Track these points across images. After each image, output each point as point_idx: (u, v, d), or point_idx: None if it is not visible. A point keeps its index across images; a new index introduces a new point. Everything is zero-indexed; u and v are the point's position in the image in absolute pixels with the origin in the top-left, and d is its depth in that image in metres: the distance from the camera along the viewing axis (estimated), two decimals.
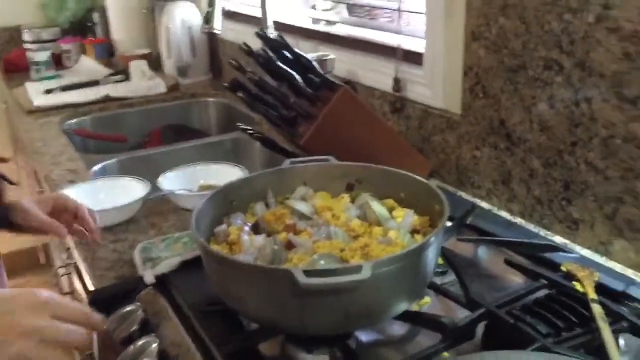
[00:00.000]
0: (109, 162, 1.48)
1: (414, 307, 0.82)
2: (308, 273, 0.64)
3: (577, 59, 0.91)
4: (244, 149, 1.64)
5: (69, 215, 0.97)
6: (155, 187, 1.18)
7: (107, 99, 1.95)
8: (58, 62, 2.39)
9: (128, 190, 1.17)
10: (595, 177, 0.92)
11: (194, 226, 0.77)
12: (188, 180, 1.23)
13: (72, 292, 1.45)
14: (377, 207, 0.86)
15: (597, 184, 0.92)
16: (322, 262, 0.74)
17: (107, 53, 2.48)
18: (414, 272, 0.72)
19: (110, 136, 1.85)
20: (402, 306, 0.74)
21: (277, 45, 1.12)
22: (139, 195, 1.13)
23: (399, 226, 0.83)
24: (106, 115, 1.93)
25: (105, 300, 0.89)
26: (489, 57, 1.06)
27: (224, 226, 0.85)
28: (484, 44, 1.06)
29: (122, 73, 2.15)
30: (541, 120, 0.99)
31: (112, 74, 2.17)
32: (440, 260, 0.89)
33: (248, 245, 0.80)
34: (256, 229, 0.85)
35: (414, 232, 0.83)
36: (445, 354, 0.74)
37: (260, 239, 0.81)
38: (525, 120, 1.01)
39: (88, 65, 2.39)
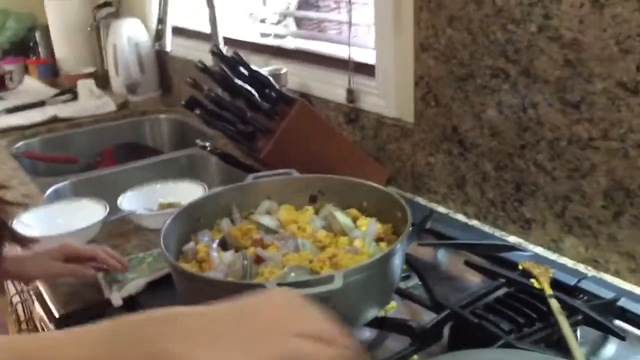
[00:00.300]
0: (62, 184, 1.45)
1: (381, 313, 0.85)
2: (281, 286, 0.65)
3: (522, 67, 0.95)
4: (199, 165, 1.64)
5: (81, 260, 0.95)
6: (113, 208, 1.16)
7: (54, 120, 1.92)
8: (0, 83, 2.33)
9: (86, 213, 1.15)
10: (545, 178, 0.97)
11: (163, 246, 0.77)
12: (147, 200, 1.22)
13: (30, 320, 1.41)
14: (342, 218, 0.88)
15: (546, 184, 0.97)
16: (292, 274, 0.75)
17: (51, 73, 2.43)
18: (383, 278, 0.75)
19: (60, 158, 1.82)
20: (373, 312, 0.76)
21: (232, 62, 1.13)
22: (98, 218, 1.12)
23: (363, 235, 0.85)
24: (55, 136, 1.90)
25: (71, 326, 0.88)
26: (438, 67, 1.10)
27: (191, 244, 0.85)
28: (433, 55, 1.10)
29: (69, 92, 2.11)
30: (491, 125, 1.03)
31: (58, 94, 2.12)
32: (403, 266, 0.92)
33: (217, 262, 0.81)
34: (224, 245, 0.86)
35: (378, 239, 0.86)
36: (415, 357, 0.77)
37: (229, 255, 0.82)
38: (476, 127, 1.06)
39: (32, 85, 2.33)
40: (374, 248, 0.82)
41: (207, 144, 1.19)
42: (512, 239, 1.04)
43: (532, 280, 0.85)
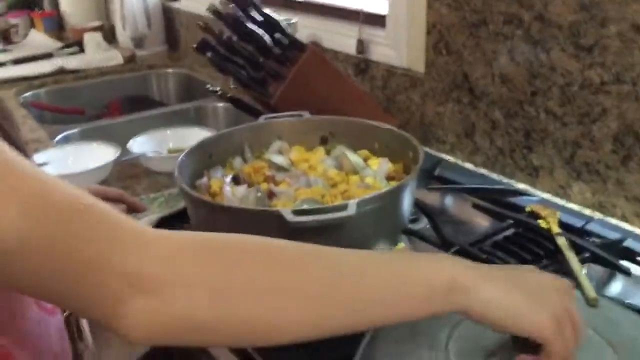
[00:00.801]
0: (71, 131, 1.45)
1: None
2: (296, 212, 0.67)
3: (536, 12, 0.95)
4: (207, 117, 1.64)
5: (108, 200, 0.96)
6: (123, 152, 1.17)
7: (61, 71, 1.91)
8: (6, 37, 2.32)
9: (97, 155, 1.17)
10: (554, 124, 0.98)
11: (178, 175, 0.78)
12: (157, 144, 1.23)
13: None
14: (353, 157, 0.89)
15: (556, 130, 0.98)
16: (305, 205, 0.76)
17: (57, 26, 2.42)
18: (394, 212, 0.76)
19: (67, 108, 1.81)
20: (384, 246, 0.78)
21: (244, 5, 1.12)
22: (110, 159, 1.13)
23: (375, 173, 0.86)
24: (61, 87, 1.89)
25: None
26: (451, 14, 1.10)
27: (204, 179, 0.86)
28: (445, 2, 1.10)
29: (76, 45, 2.10)
30: (502, 73, 1.03)
31: (65, 47, 2.12)
32: None
33: (230, 196, 0.82)
34: (237, 181, 0.87)
35: (389, 178, 0.87)
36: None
37: (242, 189, 0.83)
38: (487, 74, 1.06)
39: (38, 39, 2.32)
40: (385, 185, 0.83)
41: (218, 88, 1.19)
42: (520, 187, 1.05)
43: (540, 221, 0.86)
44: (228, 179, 0.85)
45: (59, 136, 1.42)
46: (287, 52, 1.15)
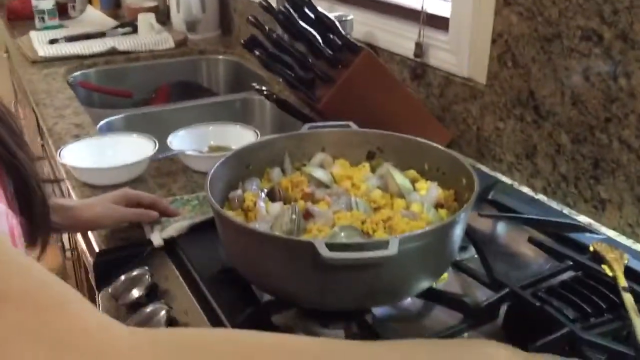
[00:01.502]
0: (115, 117, 1.43)
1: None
2: (331, 247, 0.60)
3: (619, 30, 0.85)
4: (253, 111, 1.59)
5: (142, 205, 0.93)
6: (162, 146, 1.13)
7: (113, 52, 1.89)
8: (63, 11, 2.32)
9: (136, 148, 1.13)
10: (629, 156, 0.88)
11: (209, 190, 0.73)
12: (198, 140, 1.18)
13: (75, 249, 1.42)
14: (400, 178, 0.82)
15: (629, 163, 0.88)
16: (342, 234, 0.70)
17: (113, 4, 2.41)
18: (441, 249, 0.68)
19: (116, 90, 1.80)
20: (425, 284, 0.71)
21: (298, 2, 1.06)
22: (147, 154, 1.09)
23: (422, 199, 0.79)
24: (112, 68, 1.88)
25: (110, 262, 0.85)
26: (521, 23, 1.00)
27: (239, 191, 0.81)
28: (516, 10, 1.01)
29: (129, 25, 2.08)
30: (574, 93, 0.94)
31: (118, 26, 2.10)
32: None
33: (264, 213, 0.76)
34: (272, 196, 0.81)
35: (437, 206, 0.79)
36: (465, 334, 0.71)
37: (277, 206, 0.77)
38: (557, 93, 0.96)
39: (93, 15, 2.31)
40: (433, 215, 0.76)
41: (264, 87, 1.13)
42: (583, 219, 0.95)
43: (604, 266, 0.77)
44: (263, 194, 0.79)
45: (102, 121, 1.40)
46: (339, 54, 1.08)
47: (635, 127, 0.86)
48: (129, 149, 1.12)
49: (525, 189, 1.06)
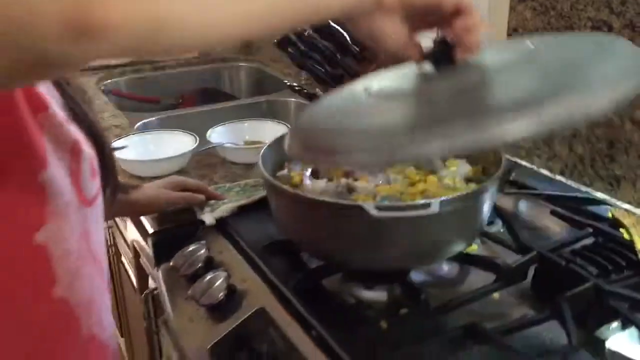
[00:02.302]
0: (150, 119, 1.51)
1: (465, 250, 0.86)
2: (379, 207, 0.68)
3: (627, 20, 0.93)
4: (277, 111, 1.67)
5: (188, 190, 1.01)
6: (201, 142, 1.21)
7: (140, 61, 1.98)
8: None
9: (176, 143, 1.21)
10: (639, 134, 0.95)
11: (261, 164, 0.81)
12: (234, 136, 1.26)
13: (113, 245, 1.50)
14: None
15: None
16: (386, 202, 0.77)
17: None
18: (475, 213, 0.76)
19: (145, 97, 1.88)
20: (460, 246, 0.78)
21: None
22: (188, 148, 1.17)
23: (453, 175, 0.86)
24: (139, 77, 1.97)
25: (167, 241, 0.93)
26: (535, 18, 1.08)
27: (285, 171, 0.88)
28: (530, 5, 1.09)
29: None
30: None
31: None
32: None
33: (310, 188, 0.84)
34: (316, 175, 0.88)
35: (467, 181, 0.87)
36: (495, 294, 0.78)
37: (322, 182, 0.85)
38: None
39: None
40: (464, 187, 0.83)
41: (295, 84, 1.21)
42: (599, 196, 1.03)
43: (622, 230, 0.85)
44: (308, 172, 0.87)
45: (138, 123, 1.48)
46: (365, 52, 1.16)
47: None
48: (171, 144, 1.21)
49: (544, 172, 1.13)
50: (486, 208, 0.79)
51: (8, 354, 0.56)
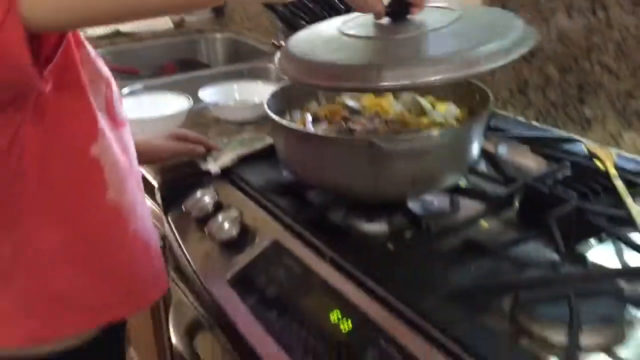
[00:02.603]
0: (136, 87, 1.54)
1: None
2: (386, 139, 0.74)
3: None
4: (260, 76, 1.71)
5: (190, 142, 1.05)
6: (194, 102, 1.25)
7: (117, 34, 2.00)
8: None
9: (170, 104, 1.25)
10: (608, 77, 1.04)
11: (267, 108, 0.86)
12: (224, 96, 1.31)
13: None
14: (423, 101, 0.96)
15: (609, 83, 1.04)
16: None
17: None
18: (469, 145, 0.83)
19: (124, 68, 1.90)
20: (455, 177, 0.85)
21: None
22: (184, 107, 1.21)
23: (444, 116, 0.93)
24: (117, 49, 1.98)
25: (175, 189, 0.98)
26: None
27: (287, 117, 0.94)
28: None
29: None
30: (559, 30, 1.10)
31: None
32: None
33: (314, 131, 0.90)
34: (316, 120, 0.94)
35: (456, 121, 0.94)
36: (483, 222, 0.86)
37: (323, 125, 0.91)
38: (544, 31, 1.12)
39: None
40: (456, 125, 0.90)
41: (281, 41, 1.26)
42: (573, 136, 1.11)
43: (596, 161, 0.93)
44: (309, 117, 0.93)
45: (124, 89, 1.51)
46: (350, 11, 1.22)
47: (613, 52, 1.02)
48: (165, 105, 1.24)
49: (521, 119, 1.21)
50: (477, 141, 0.86)
51: (68, 258, 0.62)
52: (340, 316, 0.70)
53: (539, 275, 0.71)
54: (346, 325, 0.68)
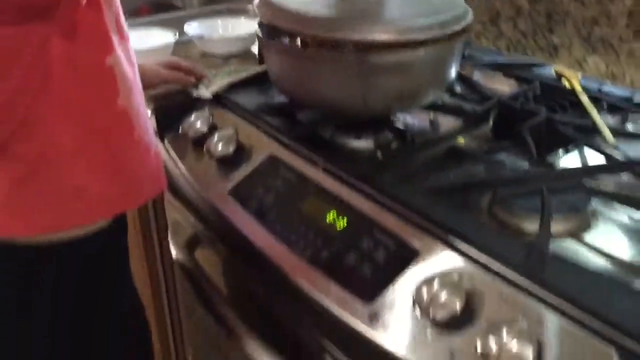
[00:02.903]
0: None
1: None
2: (374, 51, 0.80)
3: None
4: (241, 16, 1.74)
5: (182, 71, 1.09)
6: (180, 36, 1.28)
7: None
8: None
9: (156, 38, 1.28)
10: (574, 5, 1.11)
11: (258, 29, 0.91)
12: (209, 31, 1.34)
13: None
14: None
15: (576, 10, 1.11)
16: None
17: None
18: (450, 61, 0.89)
19: None
20: (436, 94, 0.92)
21: None
22: (171, 40, 1.25)
23: None
24: None
25: (169, 114, 1.03)
26: None
27: None
28: None
29: None
30: None
31: None
32: None
33: None
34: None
35: None
36: (461, 138, 0.93)
37: None
38: None
39: None
40: None
41: None
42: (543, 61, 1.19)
43: (564, 81, 1.01)
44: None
45: None
46: None
47: None
48: (151, 39, 1.27)
49: (493, 49, 1.29)
50: (457, 60, 0.92)
51: (83, 156, 0.68)
52: (336, 216, 0.76)
53: (515, 174, 0.79)
54: (342, 223, 0.75)
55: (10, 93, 0.63)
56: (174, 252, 0.98)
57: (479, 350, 0.56)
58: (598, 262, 0.65)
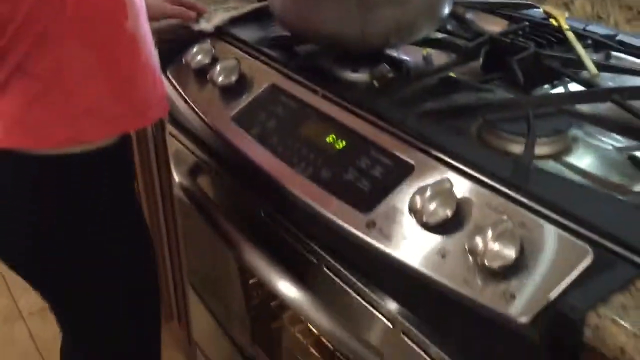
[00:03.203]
0: None
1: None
2: None
3: None
4: None
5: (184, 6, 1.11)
6: None
7: None
8: None
9: None
10: None
11: None
12: None
13: None
14: None
15: None
16: None
17: None
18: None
19: None
20: (431, 27, 0.96)
21: None
22: None
23: None
24: None
25: (171, 47, 1.06)
26: None
27: None
28: None
29: None
30: None
31: None
32: None
33: None
34: None
35: None
36: (451, 74, 0.97)
37: None
38: None
39: None
40: None
41: None
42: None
43: (552, 20, 1.05)
44: None
45: None
46: None
47: None
48: None
49: None
50: None
51: (95, 76, 0.74)
52: (335, 138, 0.81)
53: (503, 100, 0.84)
54: (341, 144, 0.80)
55: (32, 3, 0.67)
56: (176, 177, 1.02)
57: (466, 247, 0.61)
58: (576, 177, 0.71)
